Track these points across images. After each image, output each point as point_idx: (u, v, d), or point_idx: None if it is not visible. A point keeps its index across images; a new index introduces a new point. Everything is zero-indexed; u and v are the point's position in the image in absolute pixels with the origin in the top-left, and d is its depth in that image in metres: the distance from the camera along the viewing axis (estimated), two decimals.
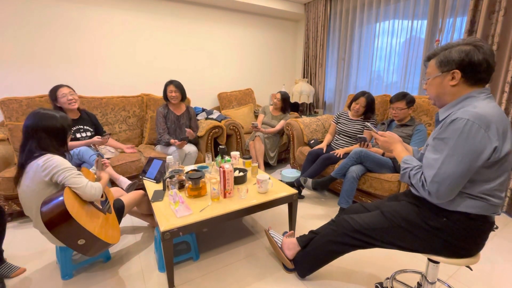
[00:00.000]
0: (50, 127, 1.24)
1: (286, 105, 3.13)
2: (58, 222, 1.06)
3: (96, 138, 2.14)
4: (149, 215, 1.87)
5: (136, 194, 1.67)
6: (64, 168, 1.19)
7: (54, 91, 2.08)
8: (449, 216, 0.98)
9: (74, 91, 2.16)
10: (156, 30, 3.11)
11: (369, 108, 2.39)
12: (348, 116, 2.52)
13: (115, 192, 1.68)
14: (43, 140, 1.23)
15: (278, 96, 3.10)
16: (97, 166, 1.53)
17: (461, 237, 0.98)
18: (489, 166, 0.90)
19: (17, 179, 1.25)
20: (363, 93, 2.39)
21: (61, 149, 1.29)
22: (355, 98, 2.41)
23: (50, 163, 1.18)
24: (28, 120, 1.23)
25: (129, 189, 1.97)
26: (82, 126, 2.22)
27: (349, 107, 2.51)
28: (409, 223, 1.06)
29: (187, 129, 2.52)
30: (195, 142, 2.73)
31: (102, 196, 1.37)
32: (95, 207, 1.26)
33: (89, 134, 2.26)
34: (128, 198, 1.60)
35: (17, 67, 2.49)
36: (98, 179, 1.46)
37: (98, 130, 2.36)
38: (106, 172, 1.53)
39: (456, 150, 0.88)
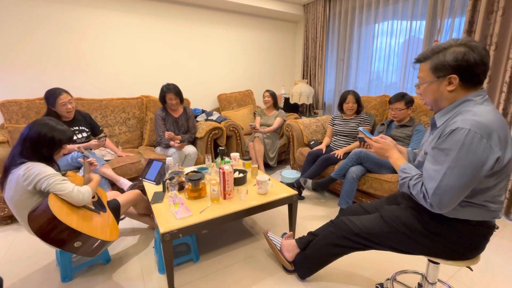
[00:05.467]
0: (47, 137, 1.20)
1: (276, 100, 3.26)
2: (48, 229, 1.02)
3: (93, 142, 2.11)
4: (146, 215, 1.86)
5: (132, 193, 1.66)
6: (46, 176, 1.15)
7: (53, 96, 2.03)
8: (450, 222, 0.97)
9: (71, 97, 2.13)
10: (156, 32, 3.11)
11: (358, 103, 2.48)
12: (342, 117, 2.58)
13: (112, 196, 1.66)
14: (28, 149, 1.18)
15: (267, 94, 3.21)
16: (84, 168, 1.48)
17: (462, 242, 0.97)
18: (491, 175, 0.87)
19: (1, 184, 1.22)
20: (347, 92, 2.50)
21: (45, 160, 1.23)
22: (343, 99, 2.50)
23: (31, 172, 1.14)
24: (31, 128, 1.20)
25: (131, 190, 1.96)
26: (77, 127, 2.20)
27: (340, 110, 2.58)
28: (409, 228, 1.05)
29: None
30: (191, 140, 2.70)
31: (94, 197, 1.34)
32: (88, 209, 1.23)
33: (85, 134, 2.24)
34: (124, 197, 1.59)
35: (17, 70, 2.50)
36: (87, 182, 1.41)
37: (94, 129, 2.35)
38: (98, 172, 1.48)
39: (458, 162, 0.84)
